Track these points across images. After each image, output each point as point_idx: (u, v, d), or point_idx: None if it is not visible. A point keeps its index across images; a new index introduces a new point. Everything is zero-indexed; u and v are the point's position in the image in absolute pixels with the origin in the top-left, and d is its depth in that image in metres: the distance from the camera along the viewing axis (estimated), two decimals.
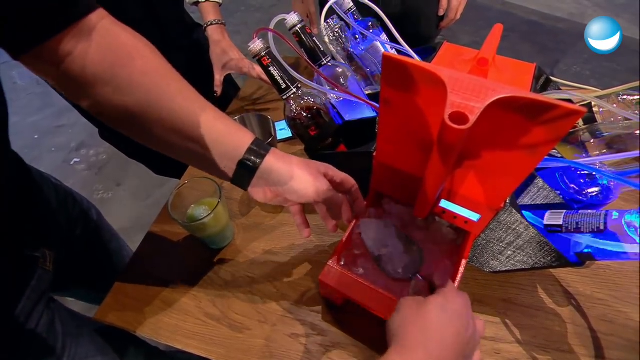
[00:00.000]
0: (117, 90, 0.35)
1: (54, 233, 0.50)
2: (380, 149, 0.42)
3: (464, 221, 0.45)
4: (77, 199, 0.59)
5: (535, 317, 0.46)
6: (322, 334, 0.46)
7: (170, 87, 0.37)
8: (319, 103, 0.49)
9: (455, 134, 0.25)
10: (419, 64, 0.29)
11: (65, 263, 0.51)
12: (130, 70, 0.35)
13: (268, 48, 0.46)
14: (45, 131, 2.00)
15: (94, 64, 0.34)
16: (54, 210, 0.52)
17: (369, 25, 0.63)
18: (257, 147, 0.39)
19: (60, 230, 0.52)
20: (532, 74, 0.54)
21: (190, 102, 0.38)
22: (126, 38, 0.37)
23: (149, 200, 1.60)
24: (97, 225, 0.61)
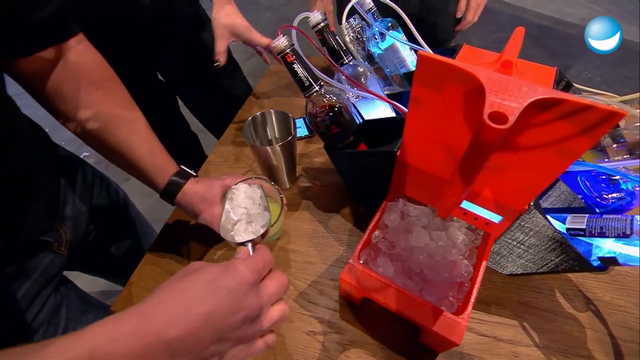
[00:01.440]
0: (77, 110, 0.42)
1: (75, 216, 0.50)
2: (404, 148, 0.42)
3: (485, 223, 0.45)
4: (105, 181, 0.60)
5: (553, 321, 0.46)
6: (339, 332, 0.46)
7: (120, 118, 0.45)
8: (341, 101, 0.49)
9: (495, 133, 0.25)
10: (456, 64, 0.29)
11: (82, 248, 0.51)
12: (92, 98, 0.43)
13: (292, 45, 0.46)
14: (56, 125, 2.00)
15: (63, 84, 0.41)
16: (79, 192, 0.52)
17: (388, 26, 0.63)
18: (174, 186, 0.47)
19: (81, 214, 0.52)
20: (553, 78, 0.54)
21: (132, 134, 0.45)
22: (95, 67, 0.44)
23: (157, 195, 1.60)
24: (122, 209, 0.62)
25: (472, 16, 0.84)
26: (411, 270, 0.49)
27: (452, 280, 0.47)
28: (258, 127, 0.61)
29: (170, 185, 0.47)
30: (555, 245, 0.42)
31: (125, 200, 0.65)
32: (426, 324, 0.40)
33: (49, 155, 0.49)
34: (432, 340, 0.44)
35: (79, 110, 0.43)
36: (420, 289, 0.47)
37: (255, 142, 0.60)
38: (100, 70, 0.44)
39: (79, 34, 0.42)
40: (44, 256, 0.45)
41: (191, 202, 0.47)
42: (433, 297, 0.46)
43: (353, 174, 0.55)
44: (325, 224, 0.58)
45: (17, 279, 0.42)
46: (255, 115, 0.59)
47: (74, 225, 0.50)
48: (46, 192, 0.46)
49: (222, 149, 0.72)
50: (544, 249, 0.43)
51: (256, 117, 0.60)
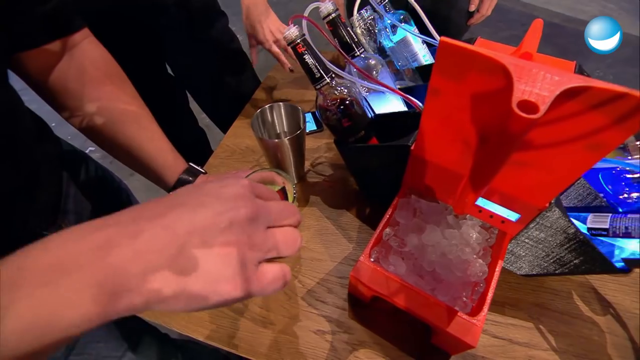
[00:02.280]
0: (84, 106, 0.41)
1: (77, 211, 0.49)
2: (420, 142, 0.40)
3: (501, 221, 0.43)
4: (108, 177, 0.59)
5: (571, 325, 0.44)
6: (348, 331, 0.45)
7: (128, 115, 0.44)
8: (352, 94, 0.47)
9: (524, 123, 0.24)
10: (481, 51, 0.27)
11: None
12: (99, 94, 0.42)
13: (303, 35, 0.44)
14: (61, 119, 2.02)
15: (68, 79, 0.40)
16: (81, 186, 0.51)
17: (400, 19, 0.61)
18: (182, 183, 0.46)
19: (84, 209, 0.51)
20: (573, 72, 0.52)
21: (141, 130, 0.45)
22: (102, 63, 0.43)
23: (163, 191, 1.59)
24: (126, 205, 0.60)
25: (486, 9, 0.82)
26: (423, 269, 0.47)
27: (465, 280, 0.45)
28: (266, 120, 0.60)
29: (179, 183, 0.46)
30: (576, 245, 0.40)
31: (128, 196, 0.64)
32: (440, 325, 0.38)
33: (52, 149, 0.48)
34: (445, 341, 0.42)
35: (85, 107, 0.42)
36: (432, 289, 0.46)
37: (263, 135, 0.59)
38: (107, 66, 0.44)
39: (84, 29, 0.42)
40: None
41: None
42: (446, 297, 0.44)
43: (363, 170, 0.54)
44: (334, 220, 0.56)
45: None
46: (264, 108, 0.58)
47: (77, 220, 0.49)
48: (49, 186, 0.45)
49: (229, 143, 0.71)
50: (564, 249, 0.41)
51: (265, 110, 0.58)
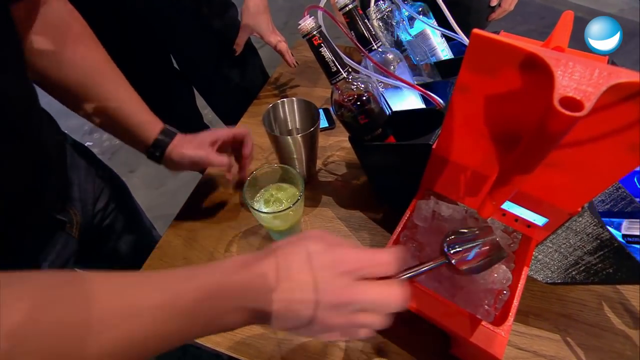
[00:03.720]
0: (58, 66, 0.41)
1: (82, 198, 0.50)
2: (443, 140, 0.38)
3: (527, 225, 0.41)
4: (107, 169, 0.59)
5: (601, 338, 0.42)
6: (364, 340, 0.43)
7: (102, 74, 0.44)
8: (369, 90, 0.45)
9: (566, 122, 0.21)
10: (518, 45, 0.25)
11: (91, 232, 0.51)
12: (72, 53, 0.41)
13: (320, 27, 0.42)
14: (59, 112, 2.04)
15: (41, 39, 0.39)
16: (83, 175, 0.51)
17: (419, 11, 0.59)
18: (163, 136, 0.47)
19: (87, 197, 0.51)
20: None
21: (117, 90, 0.45)
22: (74, 22, 0.42)
23: (162, 188, 1.58)
24: (124, 201, 0.61)
25: (509, 4, 0.78)
26: (441, 274, 0.45)
27: (487, 287, 0.43)
28: (278, 116, 0.58)
29: (156, 144, 0.47)
30: (610, 253, 0.37)
31: (127, 190, 0.64)
32: (463, 335, 0.36)
33: (58, 138, 0.48)
34: (466, 352, 0.40)
35: (61, 67, 0.41)
36: (452, 295, 0.43)
37: (275, 131, 0.57)
38: (79, 26, 0.43)
39: None
40: (59, 237, 0.44)
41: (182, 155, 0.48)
42: (467, 304, 0.42)
43: (379, 169, 0.52)
44: (347, 221, 0.54)
45: (35, 259, 0.41)
46: (276, 103, 0.56)
47: (82, 208, 0.49)
48: (58, 172, 0.45)
49: None
50: (596, 257, 0.38)
51: (277, 105, 0.57)
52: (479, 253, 0.37)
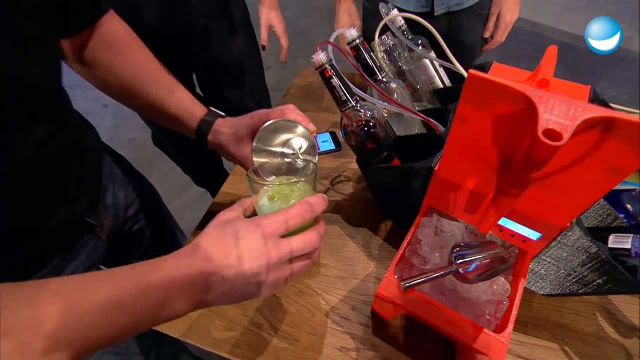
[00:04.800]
0: (113, 73, 0.48)
1: (114, 205, 0.53)
2: (443, 164, 0.42)
3: (522, 240, 0.45)
4: (140, 177, 0.63)
5: (596, 347, 0.44)
6: (373, 348, 0.46)
7: (150, 76, 0.50)
8: (376, 117, 0.49)
9: (549, 150, 0.25)
10: (507, 83, 0.29)
11: (120, 238, 0.53)
12: (122, 61, 0.49)
13: (331, 60, 0.47)
14: None
15: (98, 53, 0.47)
16: (118, 184, 0.55)
17: (418, 43, 0.64)
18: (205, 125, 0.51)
19: (120, 204, 0.54)
20: (588, 97, 0.54)
21: (161, 87, 0.50)
22: (125, 35, 0.50)
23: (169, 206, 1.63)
24: (155, 209, 0.64)
25: (500, 36, 0.85)
26: (445, 286, 0.48)
27: (487, 298, 0.46)
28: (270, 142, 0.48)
29: (201, 124, 0.50)
30: (598, 264, 0.41)
31: (159, 198, 0.68)
32: (467, 341, 0.39)
33: (96, 145, 0.52)
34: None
35: (114, 74, 0.49)
36: (455, 306, 0.46)
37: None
38: (129, 36, 0.50)
39: (110, 10, 0.49)
40: (89, 239, 0.47)
41: (221, 142, 0.50)
42: (469, 314, 0.45)
43: (385, 189, 0.56)
44: (355, 238, 0.58)
45: (65, 257, 0.44)
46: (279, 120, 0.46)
47: (114, 214, 0.53)
48: (93, 178, 0.49)
49: None
50: (586, 268, 0.42)
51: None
52: (484, 264, 0.41)
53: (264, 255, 0.31)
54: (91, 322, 0.26)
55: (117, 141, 1.90)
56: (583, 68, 2.14)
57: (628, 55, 2.20)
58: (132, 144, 1.79)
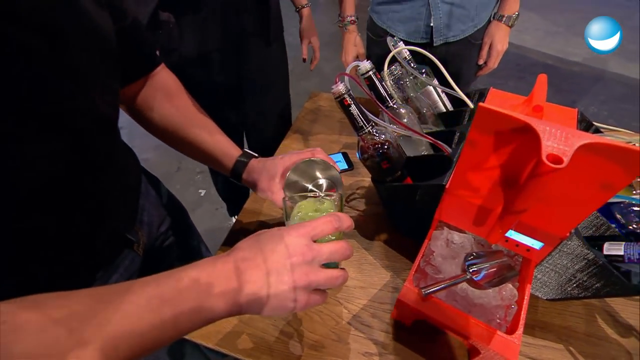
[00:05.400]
0: (161, 117, 0.55)
1: (149, 222, 0.57)
2: (454, 182, 0.47)
3: (526, 249, 0.49)
4: (171, 200, 0.67)
5: (599, 346, 0.49)
6: (395, 352, 0.49)
7: (192, 119, 0.57)
8: (390, 140, 0.55)
9: (552, 171, 0.31)
10: (513, 115, 0.35)
11: (152, 252, 0.57)
12: (169, 106, 0.55)
13: (349, 91, 0.53)
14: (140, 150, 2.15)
15: (150, 99, 0.54)
16: (152, 203, 0.59)
17: (422, 72, 0.71)
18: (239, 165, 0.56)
19: (153, 221, 0.58)
20: (576, 119, 0.60)
21: (202, 130, 0.56)
22: (172, 84, 0.57)
23: None
24: (182, 226, 0.68)
25: (493, 63, 0.93)
26: (457, 293, 0.52)
27: (497, 303, 0.50)
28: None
29: (237, 165, 0.56)
30: (596, 270, 0.45)
31: (186, 214, 0.71)
32: (483, 342, 0.43)
33: (136, 169, 0.57)
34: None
35: (163, 117, 0.55)
36: (468, 312, 0.50)
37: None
38: (176, 85, 0.58)
39: (162, 63, 0.57)
40: (127, 253, 0.50)
41: (254, 180, 0.55)
42: (481, 318, 0.49)
43: (399, 205, 0.60)
44: (371, 251, 0.62)
45: (107, 270, 0.48)
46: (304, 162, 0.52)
47: (149, 230, 0.56)
48: (133, 198, 0.54)
49: None
50: (585, 274, 0.47)
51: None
52: (493, 271, 0.45)
53: (291, 253, 0.34)
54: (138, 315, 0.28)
55: None
56: (565, 86, 2.27)
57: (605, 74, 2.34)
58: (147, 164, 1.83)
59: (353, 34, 0.99)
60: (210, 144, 0.56)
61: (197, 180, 1.89)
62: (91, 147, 0.39)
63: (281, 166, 0.53)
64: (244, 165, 0.56)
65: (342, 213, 0.40)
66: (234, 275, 0.33)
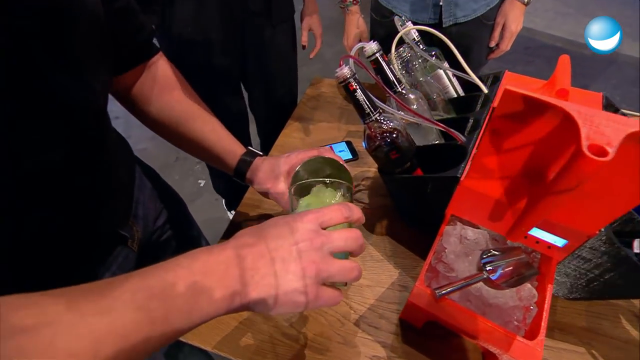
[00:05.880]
0: (159, 110, 0.51)
1: (145, 216, 0.54)
2: (472, 174, 0.43)
3: (547, 246, 0.45)
4: (169, 192, 0.64)
5: (623, 350, 0.45)
6: (404, 356, 0.46)
7: (194, 113, 0.52)
8: (399, 128, 0.50)
9: (595, 165, 0.26)
10: (544, 99, 0.30)
11: (148, 247, 0.54)
12: (168, 98, 0.51)
13: (354, 74, 0.48)
14: None
15: (145, 89, 0.50)
16: (147, 195, 0.55)
17: (432, 54, 0.66)
18: (243, 164, 0.52)
19: (149, 215, 0.55)
20: (601, 103, 0.55)
21: (204, 125, 0.52)
22: (171, 75, 0.52)
23: None
24: (181, 219, 0.65)
25: (505, 45, 0.87)
26: (470, 293, 0.49)
27: (514, 304, 0.47)
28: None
29: (240, 164, 0.52)
30: (626, 269, 0.42)
31: (185, 208, 0.68)
32: (501, 349, 0.40)
33: (129, 160, 0.53)
34: None
35: (161, 110, 0.51)
36: (483, 313, 0.47)
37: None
38: (176, 76, 0.53)
39: (160, 52, 0.52)
40: (121, 250, 0.48)
41: (258, 180, 0.51)
42: (497, 321, 0.46)
43: (409, 198, 0.56)
44: (378, 246, 0.59)
45: (98, 269, 0.45)
46: None
47: (144, 225, 0.53)
48: (125, 190, 0.50)
49: None
50: (614, 273, 0.43)
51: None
52: (512, 270, 0.42)
53: (298, 239, 0.30)
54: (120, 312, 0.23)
55: None
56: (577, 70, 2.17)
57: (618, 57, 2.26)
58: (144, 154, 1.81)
59: (355, 16, 0.93)
60: (212, 141, 0.52)
61: (196, 170, 1.84)
62: (78, 135, 0.36)
63: (287, 165, 0.49)
64: (248, 164, 0.52)
65: (352, 204, 0.36)
66: (233, 262, 0.28)
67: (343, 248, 0.32)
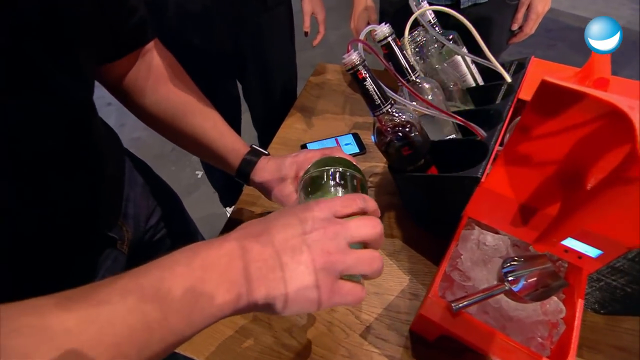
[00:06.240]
0: (155, 102, 0.47)
1: (136, 215, 0.51)
2: (495, 175, 0.38)
3: (578, 256, 0.40)
4: (163, 188, 0.61)
5: None
6: None
7: (193, 107, 0.48)
8: (413, 121, 0.45)
9: None
10: (592, 93, 0.25)
11: (140, 248, 0.51)
12: (165, 90, 0.47)
13: (364, 61, 0.43)
14: None
15: (139, 80, 0.46)
16: (139, 192, 0.52)
17: (449, 38, 0.60)
18: (246, 164, 0.48)
19: (141, 213, 0.52)
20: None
21: (205, 120, 0.48)
22: (168, 64, 0.48)
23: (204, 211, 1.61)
24: (176, 217, 0.62)
25: (530, 28, 0.79)
26: (488, 304, 0.44)
27: (538, 318, 0.42)
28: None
29: (244, 164, 0.48)
30: None
31: (181, 205, 0.65)
32: None
33: (118, 154, 0.50)
34: None
35: (157, 103, 0.47)
36: (503, 328, 0.43)
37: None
38: (173, 67, 0.49)
39: (155, 38, 0.48)
40: (110, 253, 0.45)
41: (264, 182, 0.47)
42: (518, 337, 0.42)
43: (421, 199, 0.52)
44: (386, 249, 0.54)
45: (86, 274, 0.42)
46: None
47: (135, 224, 0.50)
48: (114, 189, 0.47)
49: None
50: None
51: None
52: (537, 281, 0.37)
53: (308, 229, 0.27)
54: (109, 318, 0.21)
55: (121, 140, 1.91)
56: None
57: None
58: (137, 143, 1.77)
59: None
60: (213, 137, 0.48)
61: (193, 161, 1.76)
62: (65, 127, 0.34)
63: (294, 165, 0.44)
64: (252, 164, 0.47)
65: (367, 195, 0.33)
66: (237, 255, 0.25)
67: (361, 237, 0.28)
